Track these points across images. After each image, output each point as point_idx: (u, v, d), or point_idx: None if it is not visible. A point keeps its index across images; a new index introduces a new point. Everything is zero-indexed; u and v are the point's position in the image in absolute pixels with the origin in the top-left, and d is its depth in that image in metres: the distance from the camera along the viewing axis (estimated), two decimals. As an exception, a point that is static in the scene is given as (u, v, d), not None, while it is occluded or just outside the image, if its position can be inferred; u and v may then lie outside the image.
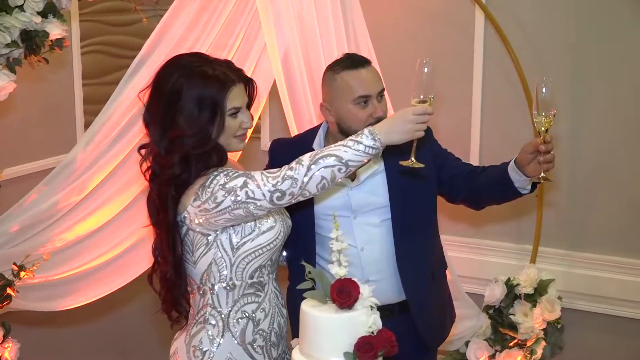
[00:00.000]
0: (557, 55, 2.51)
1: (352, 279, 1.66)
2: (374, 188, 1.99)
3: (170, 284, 1.96)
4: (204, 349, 1.89)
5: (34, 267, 2.35)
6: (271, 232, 1.90)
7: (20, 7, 2.14)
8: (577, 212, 2.59)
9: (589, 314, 2.59)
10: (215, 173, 1.80)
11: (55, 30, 2.23)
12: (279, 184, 1.72)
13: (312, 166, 1.71)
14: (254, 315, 1.92)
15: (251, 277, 1.90)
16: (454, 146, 2.12)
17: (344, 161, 1.70)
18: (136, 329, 3.24)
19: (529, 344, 2.40)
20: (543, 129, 1.85)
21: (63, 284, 2.44)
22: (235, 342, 1.90)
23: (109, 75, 3.13)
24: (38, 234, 2.42)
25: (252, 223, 1.87)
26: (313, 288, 1.72)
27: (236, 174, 1.79)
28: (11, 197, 2.48)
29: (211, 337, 1.90)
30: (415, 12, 2.72)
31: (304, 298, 1.72)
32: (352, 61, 1.94)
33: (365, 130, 1.72)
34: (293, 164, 1.74)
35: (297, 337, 1.72)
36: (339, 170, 1.71)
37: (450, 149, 2.11)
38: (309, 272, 1.73)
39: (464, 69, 2.65)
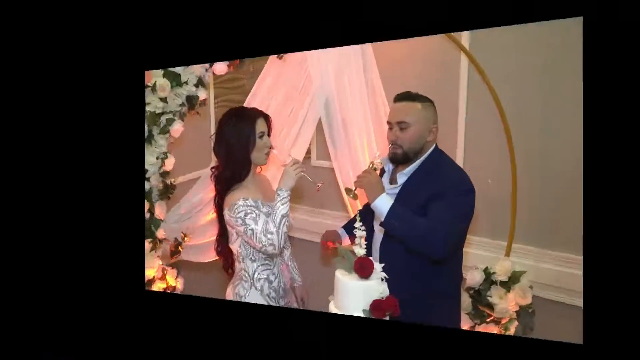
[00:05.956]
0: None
1: (369, 257, 1.81)
2: None
3: (218, 251, 2.45)
4: (241, 295, 2.35)
5: (191, 236, 2.82)
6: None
7: (185, 82, 2.56)
8: (547, 215, 2.62)
9: (555, 302, 2.62)
10: (237, 203, 2.23)
11: (202, 94, 2.63)
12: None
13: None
14: (267, 277, 2.36)
15: (258, 258, 2.36)
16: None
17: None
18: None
19: (503, 321, 2.49)
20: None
21: (206, 246, 2.82)
22: (258, 292, 2.34)
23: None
24: (193, 215, 2.87)
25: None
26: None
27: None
28: (181, 193, 2.90)
29: (244, 289, 2.37)
30: (414, 60, 2.84)
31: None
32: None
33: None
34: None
35: (333, 294, 1.91)
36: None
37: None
38: (340, 251, 1.89)
39: (449, 111, 2.73)
